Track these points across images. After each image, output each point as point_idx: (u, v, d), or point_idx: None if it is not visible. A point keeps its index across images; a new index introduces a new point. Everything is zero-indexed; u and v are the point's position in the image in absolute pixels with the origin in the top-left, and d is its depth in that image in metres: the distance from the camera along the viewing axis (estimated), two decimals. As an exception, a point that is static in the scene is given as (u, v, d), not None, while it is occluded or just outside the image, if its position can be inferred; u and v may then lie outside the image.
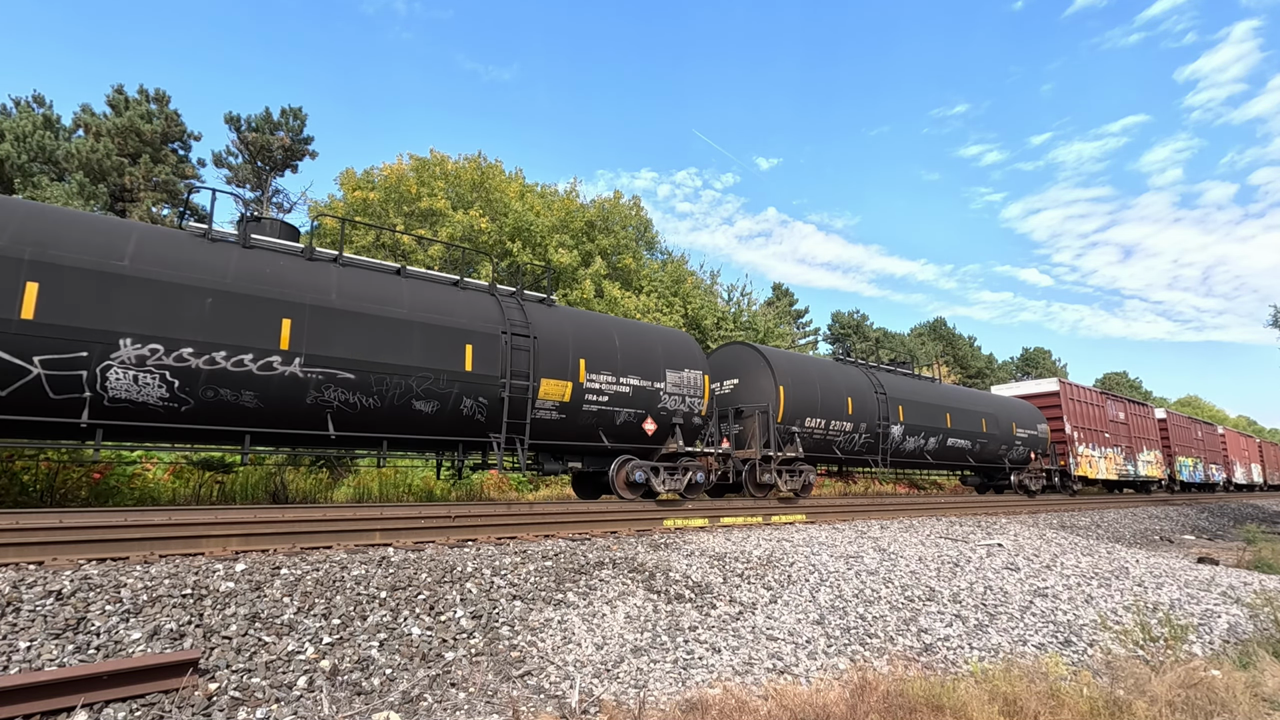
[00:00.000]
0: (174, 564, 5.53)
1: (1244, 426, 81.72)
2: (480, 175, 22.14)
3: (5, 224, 6.56)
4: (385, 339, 8.50)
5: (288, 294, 7.98)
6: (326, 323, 8.12)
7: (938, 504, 15.33)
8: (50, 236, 6.74)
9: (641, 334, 11.63)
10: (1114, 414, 24.81)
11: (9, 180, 19.61)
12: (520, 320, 9.89)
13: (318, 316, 8.07)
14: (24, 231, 6.64)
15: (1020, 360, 64.49)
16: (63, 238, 6.82)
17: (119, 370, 6.82)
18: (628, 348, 11.06)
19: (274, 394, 7.70)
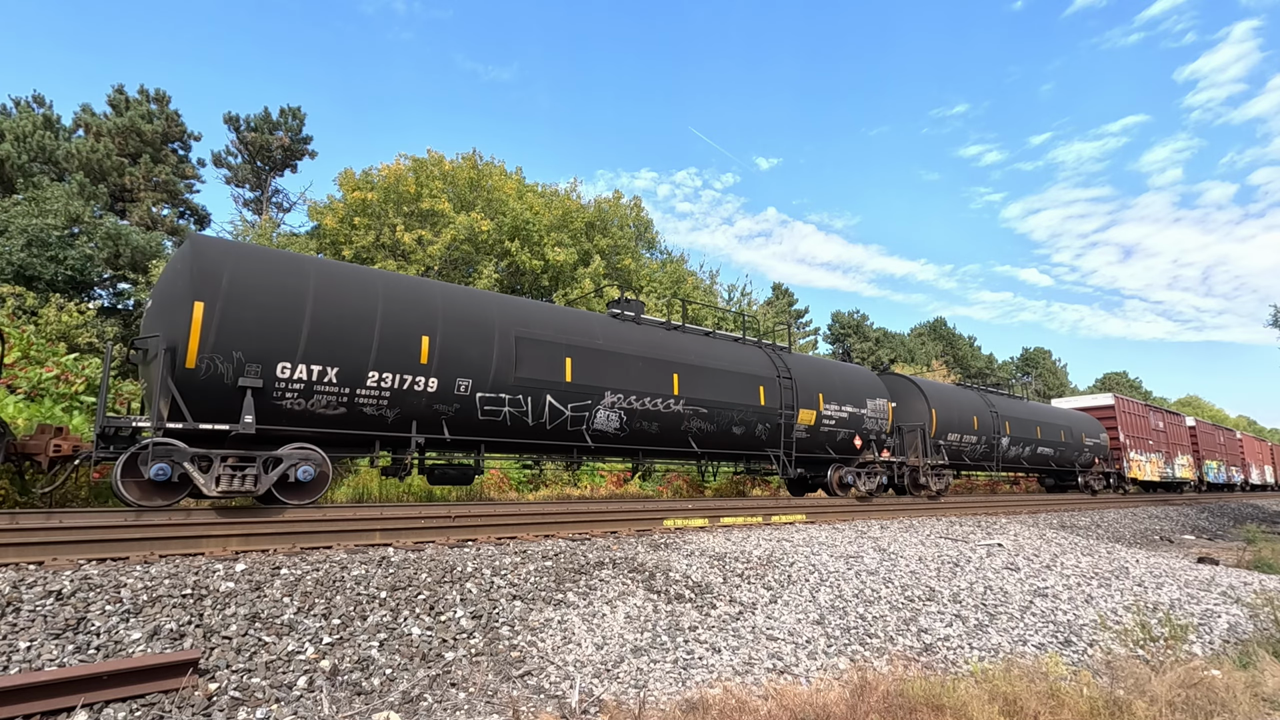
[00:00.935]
0: (174, 564, 5.53)
1: (1244, 426, 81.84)
2: (476, 174, 22.13)
3: (551, 321, 10.20)
4: (720, 384, 12.03)
5: (672, 356, 11.53)
6: (693, 375, 11.66)
7: (937, 504, 15.35)
8: (571, 327, 10.40)
9: (852, 373, 15.58)
10: (1155, 423, 28.46)
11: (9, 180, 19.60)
12: (784, 366, 13.47)
13: (689, 371, 11.61)
14: (563, 325, 10.30)
15: (1020, 360, 64.50)
16: (573, 328, 10.43)
17: (602, 411, 10.28)
18: (845, 383, 14.75)
19: (667, 423, 11.20)
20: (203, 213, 24.94)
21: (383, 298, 8.38)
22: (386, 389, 8.15)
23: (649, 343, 11.31)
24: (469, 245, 20.29)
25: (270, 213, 26.39)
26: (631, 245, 24.91)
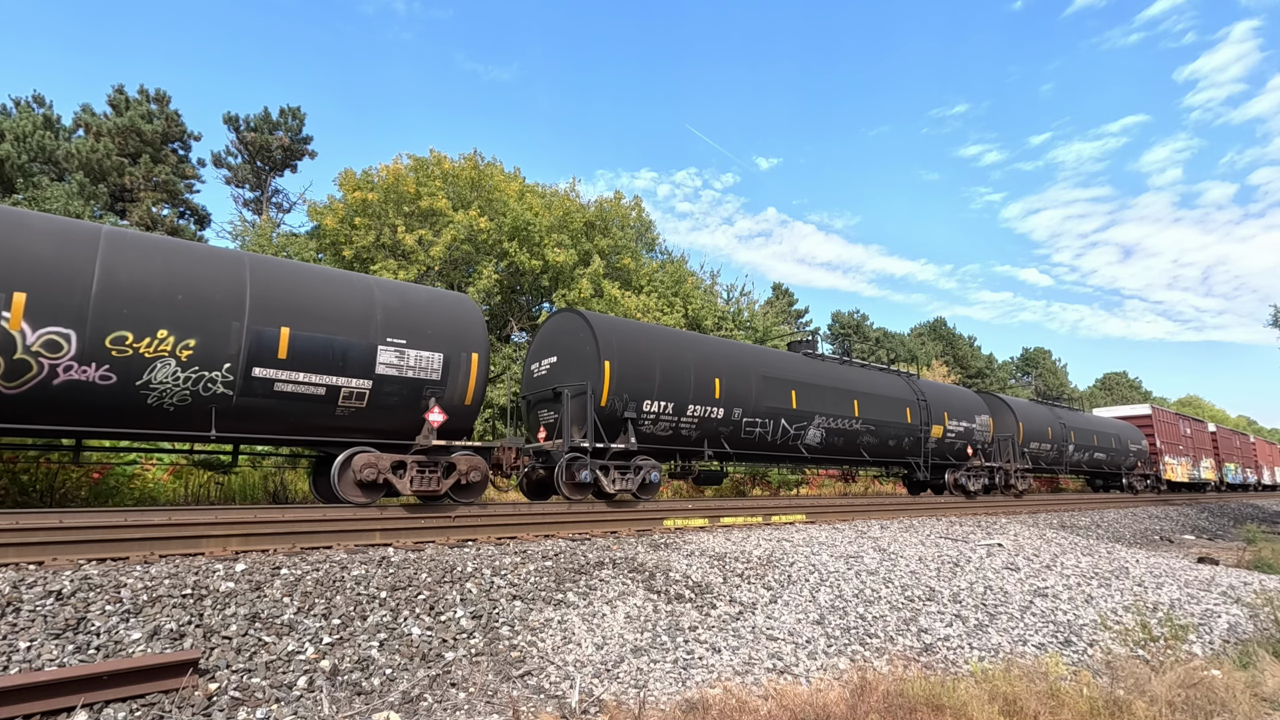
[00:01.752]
0: (174, 564, 5.53)
1: (1243, 426, 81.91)
2: (477, 174, 22.12)
3: (780, 363, 13.66)
4: (882, 407, 15.48)
5: (851, 385, 14.97)
6: (866, 400, 15.03)
7: (937, 504, 15.35)
8: (791, 366, 13.85)
9: (964, 394, 19.56)
10: (1184, 430, 31.90)
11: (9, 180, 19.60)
12: (919, 391, 17.02)
13: (863, 397, 14.98)
14: (787, 365, 13.77)
15: (1020, 360, 64.48)
16: (792, 366, 13.96)
17: (811, 429, 13.73)
18: (961, 403, 18.49)
19: (849, 438, 14.73)
20: (203, 213, 24.93)
21: (693, 354, 12.07)
22: (697, 417, 11.76)
23: (836, 375, 14.93)
24: (469, 245, 20.27)
25: (270, 213, 26.38)
26: (632, 245, 24.89)
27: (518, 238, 20.95)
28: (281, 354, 7.47)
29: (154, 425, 7.06)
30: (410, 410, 8.41)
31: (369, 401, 8.08)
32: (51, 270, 6.40)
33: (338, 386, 7.85)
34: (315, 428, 7.95)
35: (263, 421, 7.59)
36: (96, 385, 6.58)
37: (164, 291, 6.94)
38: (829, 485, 23.38)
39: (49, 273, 6.38)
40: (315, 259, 20.32)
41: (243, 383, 7.26)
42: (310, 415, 7.82)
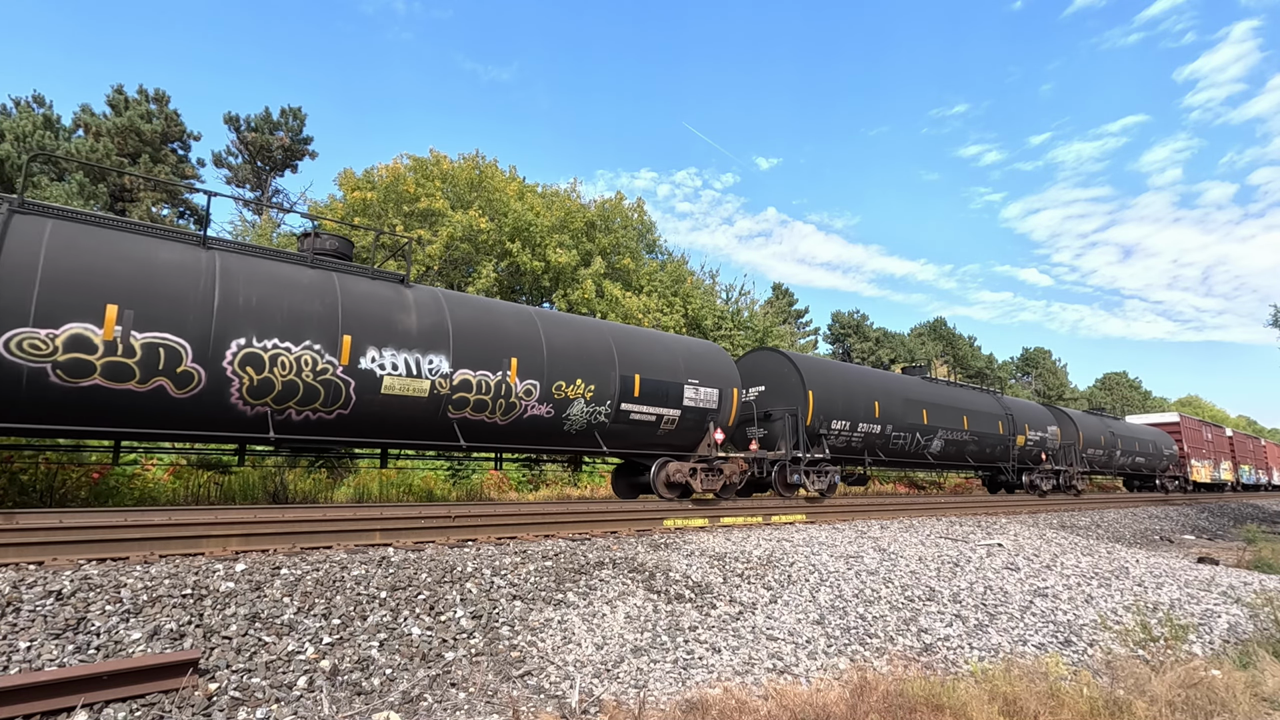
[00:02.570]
0: (174, 564, 5.53)
1: (1244, 426, 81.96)
2: (478, 175, 22.12)
3: (914, 386, 17.06)
4: (982, 421, 18.87)
5: (960, 404, 18.25)
6: (972, 416, 18.50)
7: (937, 504, 15.36)
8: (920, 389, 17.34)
9: (1039, 408, 23.20)
10: (1207, 436, 35.52)
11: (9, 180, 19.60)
12: (1005, 406, 20.56)
13: (970, 414, 18.47)
14: (918, 388, 17.30)
15: (1020, 360, 64.48)
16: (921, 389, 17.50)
17: (935, 441, 17.01)
18: (1038, 416, 22.21)
19: (959, 447, 18.06)
20: (202, 213, 24.93)
21: (861, 383, 15.56)
22: (863, 431, 15.11)
23: (951, 395, 18.36)
24: (468, 245, 20.27)
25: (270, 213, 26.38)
26: (633, 246, 24.89)
27: (519, 238, 20.94)
28: (636, 393, 10.73)
29: (567, 444, 10.40)
30: (698, 431, 11.71)
31: (677, 425, 11.37)
32: (525, 342, 9.66)
33: (661, 414, 11.12)
34: (644, 444, 11.20)
35: (619, 440, 10.80)
36: (543, 417, 9.78)
37: (576, 354, 10.17)
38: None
39: (526, 345, 9.64)
40: (315, 259, 20.31)
41: (615, 413, 10.53)
42: (644, 435, 11.07)
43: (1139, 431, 28.90)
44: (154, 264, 6.98)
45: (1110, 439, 25.62)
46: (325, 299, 7.93)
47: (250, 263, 7.73)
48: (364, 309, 8.19)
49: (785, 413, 13.64)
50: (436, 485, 15.02)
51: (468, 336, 9.03)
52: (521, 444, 9.94)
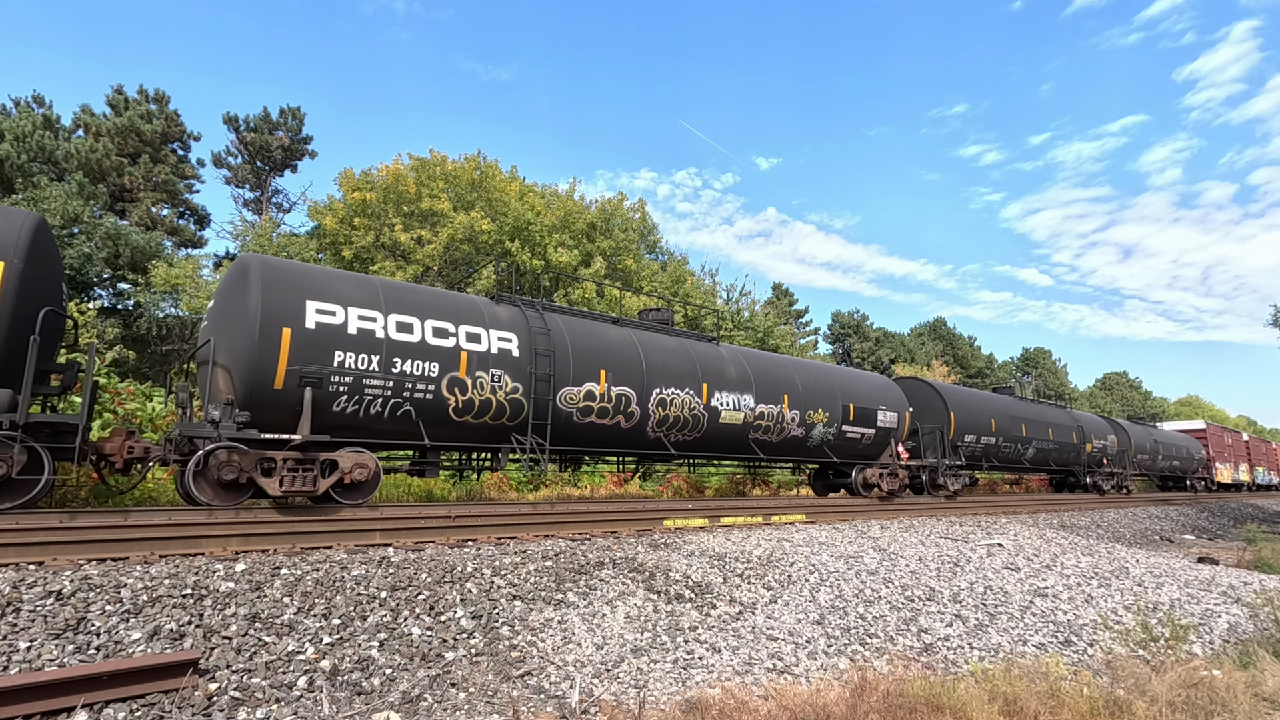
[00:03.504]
0: (174, 564, 5.53)
1: (1244, 426, 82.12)
2: (479, 176, 22.13)
3: (1011, 405, 20.90)
4: (1060, 431, 22.55)
5: (1046, 418, 22.03)
6: (1054, 428, 22.04)
7: (937, 504, 15.37)
8: (1018, 407, 21.24)
9: (1101, 419, 26.97)
10: (1228, 440, 39.56)
11: (9, 180, 19.60)
12: (1075, 419, 24.07)
13: (1053, 426, 22.07)
14: (1016, 407, 21.24)
15: (1020, 360, 64.51)
16: (1020, 407, 21.41)
17: (1030, 450, 20.97)
18: (1101, 425, 26.01)
19: (1045, 454, 21.80)
20: (202, 213, 24.95)
21: (982, 402, 19.61)
22: (983, 443, 18.76)
23: (1037, 411, 22.25)
24: (469, 245, 20.27)
25: (270, 213, 26.38)
26: (634, 247, 24.90)
27: (519, 237, 20.95)
28: (851, 418, 14.42)
29: (809, 455, 14.30)
30: (884, 444, 15.38)
31: (872, 440, 15.01)
32: (790, 384, 13.43)
33: (864, 433, 14.78)
34: (851, 454, 14.92)
35: (838, 451, 14.54)
36: (798, 437, 13.56)
37: (818, 391, 13.98)
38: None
39: (791, 386, 13.42)
40: (315, 259, 20.32)
41: (838, 432, 14.27)
42: (852, 448, 14.80)
43: (1174, 438, 32.86)
44: (613, 341, 10.77)
45: (1153, 446, 29.70)
46: (688, 358, 11.71)
47: (648, 335, 11.59)
48: (707, 364, 11.97)
49: (934, 429, 17.27)
50: (436, 485, 15.02)
51: (762, 381, 12.81)
52: (785, 456, 13.92)
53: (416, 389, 8.34)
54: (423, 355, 8.44)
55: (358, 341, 7.97)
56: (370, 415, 8.14)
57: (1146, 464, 28.96)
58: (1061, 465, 23.15)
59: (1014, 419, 20.21)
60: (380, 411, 8.18)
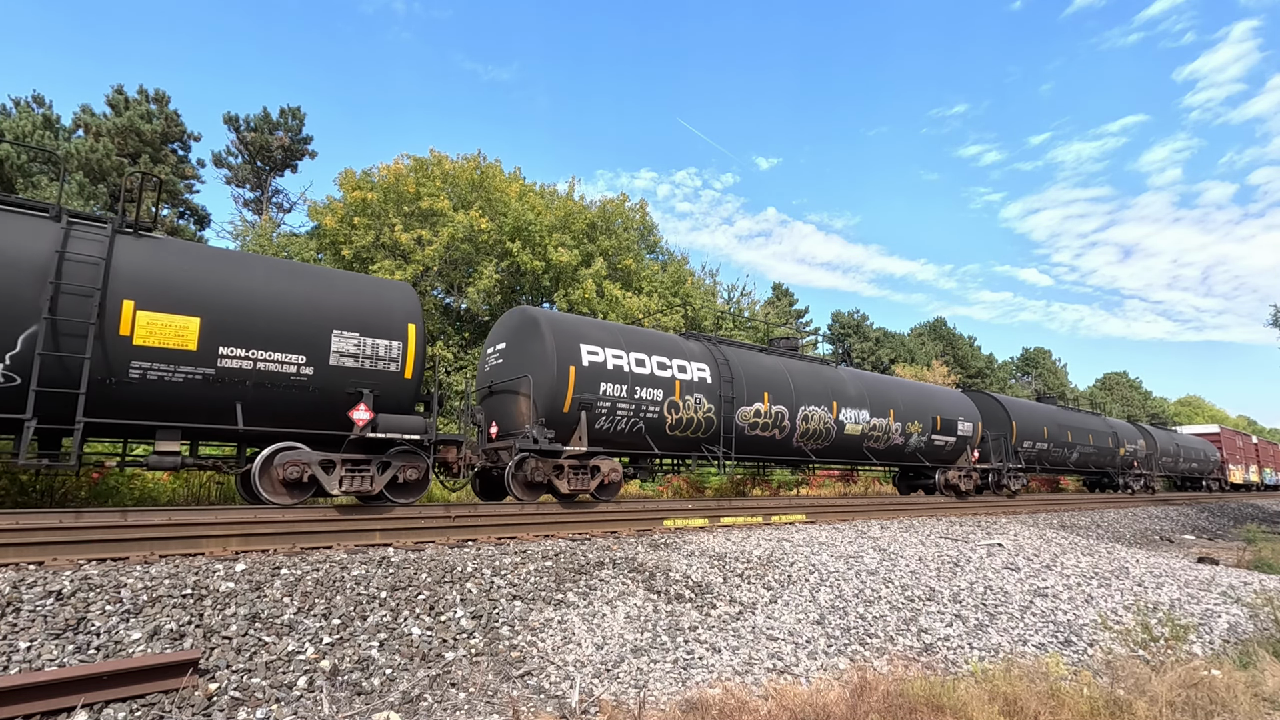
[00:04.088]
0: (174, 564, 5.53)
1: (1244, 426, 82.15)
2: (480, 175, 22.10)
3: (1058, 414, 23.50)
4: (1101, 437, 25.01)
5: (1090, 426, 24.80)
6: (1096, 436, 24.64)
7: (938, 504, 15.36)
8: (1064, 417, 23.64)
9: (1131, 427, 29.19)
10: (1239, 443, 42.41)
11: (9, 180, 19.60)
12: (1110, 425, 26.46)
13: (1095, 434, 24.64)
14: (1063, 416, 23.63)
15: (1020, 360, 64.49)
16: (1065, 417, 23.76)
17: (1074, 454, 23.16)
18: (1129, 431, 28.06)
19: (1087, 458, 24.02)
20: (203, 213, 24.94)
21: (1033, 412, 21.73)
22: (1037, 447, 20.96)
23: (1079, 419, 24.55)
24: (469, 245, 20.25)
25: (270, 213, 26.38)
26: (634, 247, 24.88)
27: (519, 237, 20.94)
28: (938, 428, 16.88)
29: (905, 460, 16.65)
30: (960, 451, 17.85)
31: (952, 448, 17.56)
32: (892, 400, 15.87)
33: (948, 440, 17.36)
34: (937, 459, 17.38)
35: (928, 457, 17.08)
36: (900, 444, 15.88)
37: (915, 405, 16.46)
38: (829, 485, 23.44)
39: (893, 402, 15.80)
40: (315, 259, 20.31)
41: (928, 440, 16.68)
42: (937, 453, 17.23)
43: (1192, 442, 35.47)
44: (769, 368, 13.13)
45: (1175, 449, 32.25)
46: (821, 379, 14.19)
47: (790, 361, 14.06)
48: (834, 385, 14.41)
49: (998, 436, 19.74)
50: (435, 485, 15.01)
51: (873, 398, 15.16)
52: (890, 461, 16.37)
53: (648, 410, 10.82)
54: (652, 384, 10.93)
55: (613, 375, 10.45)
56: (617, 431, 10.59)
57: (1169, 466, 31.54)
58: (1099, 468, 25.67)
59: (1061, 426, 22.61)
60: (624, 428, 10.64)
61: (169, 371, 6.84)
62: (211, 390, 7.05)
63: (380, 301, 8.33)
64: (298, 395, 7.53)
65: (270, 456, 7.36)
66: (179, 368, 6.88)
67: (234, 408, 7.18)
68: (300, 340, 7.52)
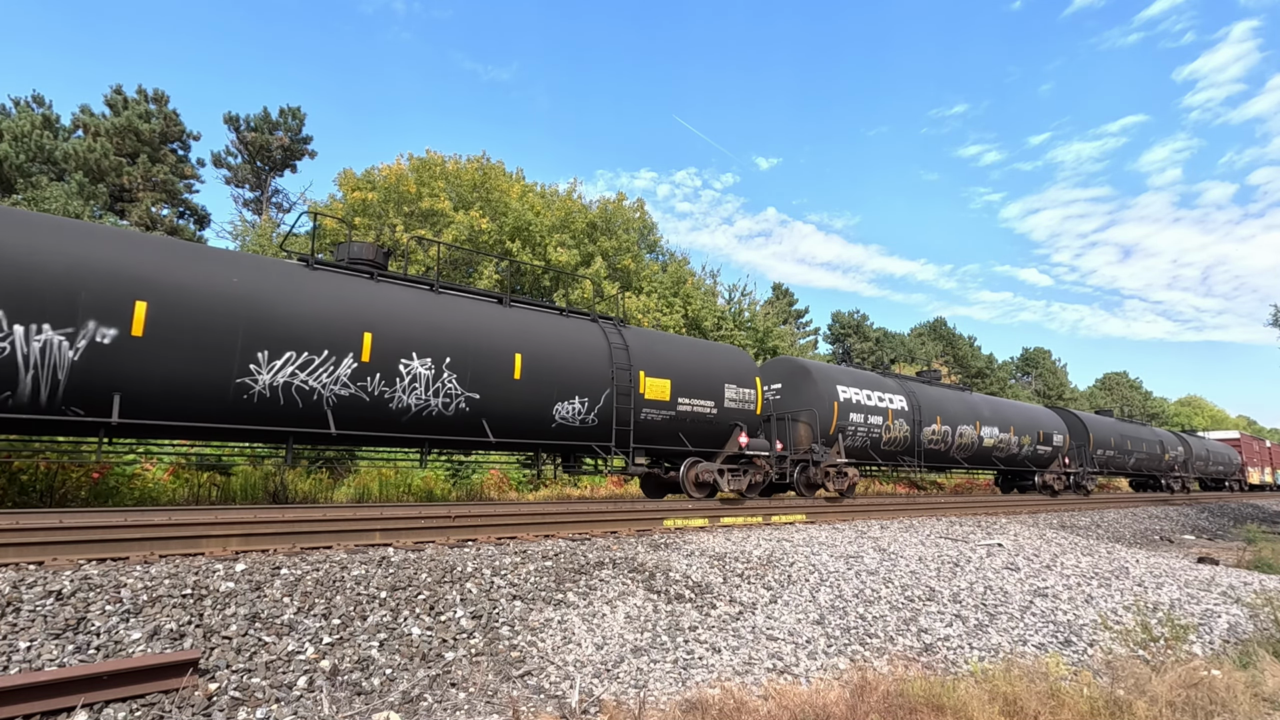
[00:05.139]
0: (174, 564, 5.53)
1: (1244, 426, 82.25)
2: (481, 176, 22.10)
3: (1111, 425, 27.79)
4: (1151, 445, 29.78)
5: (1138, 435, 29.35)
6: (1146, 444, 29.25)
7: (938, 504, 15.37)
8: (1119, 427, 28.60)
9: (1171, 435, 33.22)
10: (1256, 448, 46.92)
11: (8, 180, 19.59)
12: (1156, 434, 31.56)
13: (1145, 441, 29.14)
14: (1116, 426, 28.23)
15: (1020, 360, 64.50)
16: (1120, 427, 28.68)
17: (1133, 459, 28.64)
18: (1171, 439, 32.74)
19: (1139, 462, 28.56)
20: (202, 213, 24.93)
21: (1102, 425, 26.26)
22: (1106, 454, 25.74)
23: (1134, 430, 28.07)
24: (469, 245, 20.27)
25: (270, 213, 26.38)
26: (634, 247, 24.88)
27: (519, 237, 20.94)
28: (1041, 439, 21.75)
29: (1017, 465, 21.50)
30: (1054, 458, 22.14)
31: (1050, 455, 21.94)
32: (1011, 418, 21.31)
33: (1047, 450, 22.07)
34: (1038, 463, 21.84)
35: (1034, 461, 21.98)
36: (1015, 453, 21.03)
37: (1025, 421, 21.42)
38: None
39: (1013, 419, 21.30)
40: (315, 259, 20.32)
41: (1034, 449, 21.53)
42: (1040, 459, 21.88)
43: (1219, 448, 40.15)
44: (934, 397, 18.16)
45: (1206, 454, 36.48)
46: (967, 404, 18.63)
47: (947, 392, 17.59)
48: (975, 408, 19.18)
49: (1078, 445, 23.51)
50: (436, 485, 15.02)
51: (1000, 417, 19.86)
52: (1010, 466, 20.50)
53: (873, 431, 15.71)
54: (875, 412, 15.78)
55: (855, 407, 15.41)
56: (855, 447, 15.33)
57: (1201, 469, 36.12)
58: (1150, 471, 30.48)
59: (1123, 436, 27.41)
60: (859, 444, 15.42)
61: (656, 413, 11.52)
62: (673, 425, 11.77)
63: (741, 362, 13.26)
64: (708, 427, 12.34)
65: (689, 465, 12.14)
66: (661, 411, 11.58)
67: (680, 435, 11.93)
68: (710, 391, 12.35)
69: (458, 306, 9.62)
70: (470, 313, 9.68)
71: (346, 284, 8.69)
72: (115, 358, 6.65)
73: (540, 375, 9.95)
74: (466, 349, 9.21)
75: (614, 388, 10.76)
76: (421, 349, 8.73)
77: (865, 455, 15.64)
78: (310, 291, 8.16)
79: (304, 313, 7.94)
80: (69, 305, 6.47)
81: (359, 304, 8.42)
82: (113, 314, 6.67)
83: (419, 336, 8.73)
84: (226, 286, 7.45)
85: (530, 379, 9.82)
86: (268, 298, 7.71)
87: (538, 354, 9.99)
